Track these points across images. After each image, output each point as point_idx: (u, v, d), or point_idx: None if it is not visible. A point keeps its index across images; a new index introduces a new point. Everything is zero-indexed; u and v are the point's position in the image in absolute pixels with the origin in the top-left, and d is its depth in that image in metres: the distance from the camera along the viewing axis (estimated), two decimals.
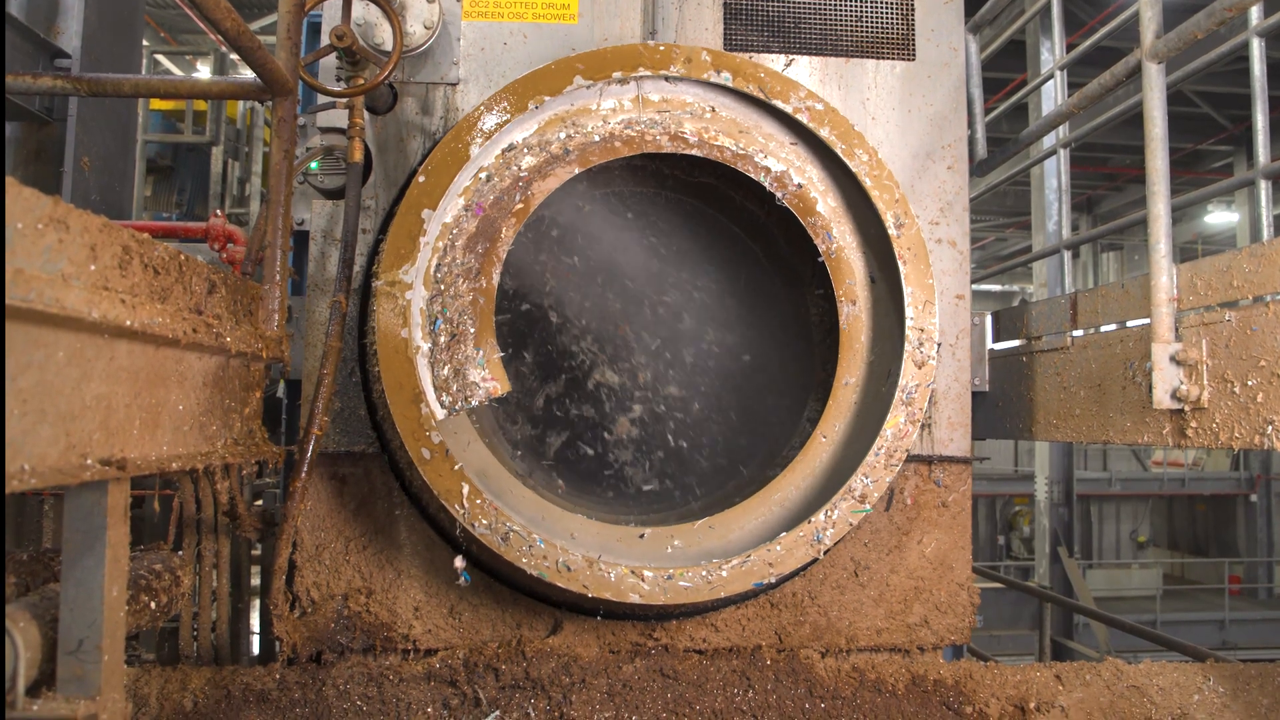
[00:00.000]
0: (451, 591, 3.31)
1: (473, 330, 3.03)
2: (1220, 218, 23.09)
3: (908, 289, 3.17)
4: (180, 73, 14.65)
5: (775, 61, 3.62)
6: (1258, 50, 4.14)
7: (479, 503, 2.86)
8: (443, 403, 2.97)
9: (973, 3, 3.83)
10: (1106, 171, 21.33)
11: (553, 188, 3.15)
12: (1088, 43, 5.14)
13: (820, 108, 3.20)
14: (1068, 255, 5.04)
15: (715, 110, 3.27)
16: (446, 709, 3.04)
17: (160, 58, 13.12)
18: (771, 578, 2.94)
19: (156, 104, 10.61)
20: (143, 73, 9.32)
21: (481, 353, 3.02)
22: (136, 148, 7.71)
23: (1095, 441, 3.32)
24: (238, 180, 11.66)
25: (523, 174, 3.11)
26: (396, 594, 3.28)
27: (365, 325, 3.21)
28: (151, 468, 1.89)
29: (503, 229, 3.11)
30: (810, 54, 3.65)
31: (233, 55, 11.91)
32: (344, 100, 3.17)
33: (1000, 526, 25.05)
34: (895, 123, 3.66)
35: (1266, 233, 3.72)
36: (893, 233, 3.18)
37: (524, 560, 2.85)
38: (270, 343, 2.56)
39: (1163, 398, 2.76)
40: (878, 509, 3.50)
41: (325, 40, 3.03)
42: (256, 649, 4.99)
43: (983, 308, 3.79)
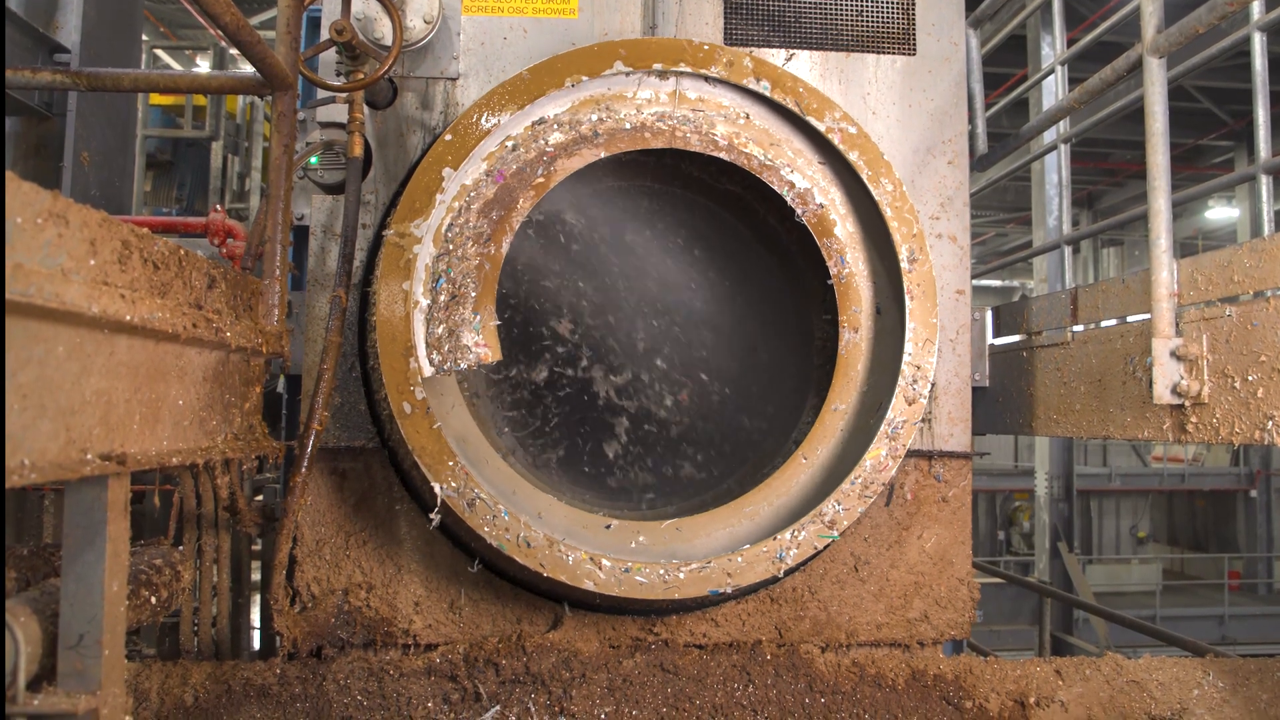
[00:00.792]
0: (452, 587, 3.31)
1: (474, 294, 3.02)
2: (1221, 213, 23.05)
3: (910, 324, 3.18)
4: (180, 68, 14.62)
5: (776, 56, 3.61)
6: (1259, 45, 4.13)
7: (450, 465, 2.86)
8: (432, 360, 2.97)
9: None
10: (1107, 167, 21.30)
11: (576, 167, 3.16)
12: (1088, 38, 5.13)
13: (854, 131, 3.22)
14: (1068, 250, 5.03)
15: (749, 118, 3.29)
16: (447, 704, 3.04)
17: (160, 53, 13.11)
18: (728, 587, 2.95)
19: (156, 99, 10.60)
20: (142, 67, 9.30)
21: (479, 317, 3.02)
22: (136, 143, 7.70)
23: (1095, 437, 3.32)
24: (237, 175, 11.66)
25: (549, 149, 3.13)
26: (397, 589, 3.28)
27: (365, 320, 3.21)
28: (151, 463, 1.89)
29: (520, 199, 3.11)
30: (811, 48, 3.64)
31: (232, 50, 11.89)
32: (344, 95, 3.16)
33: (1000, 522, 25.06)
34: (896, 118, 3.66)
35: (1267, 228, 3.71)
36: (905, 267, 3.19)
37: (485, 529, 2.85)
38: (270, 338, 2.56)
39: (1163, 393, 2.76)
40: (877, 505, 3.50)
41: (325, 35, 3.02)
42: (257, 644, 4.99)
43: (983, 303, 3.79)
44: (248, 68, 2.42)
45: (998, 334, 4.14)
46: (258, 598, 4.84)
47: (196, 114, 10.80)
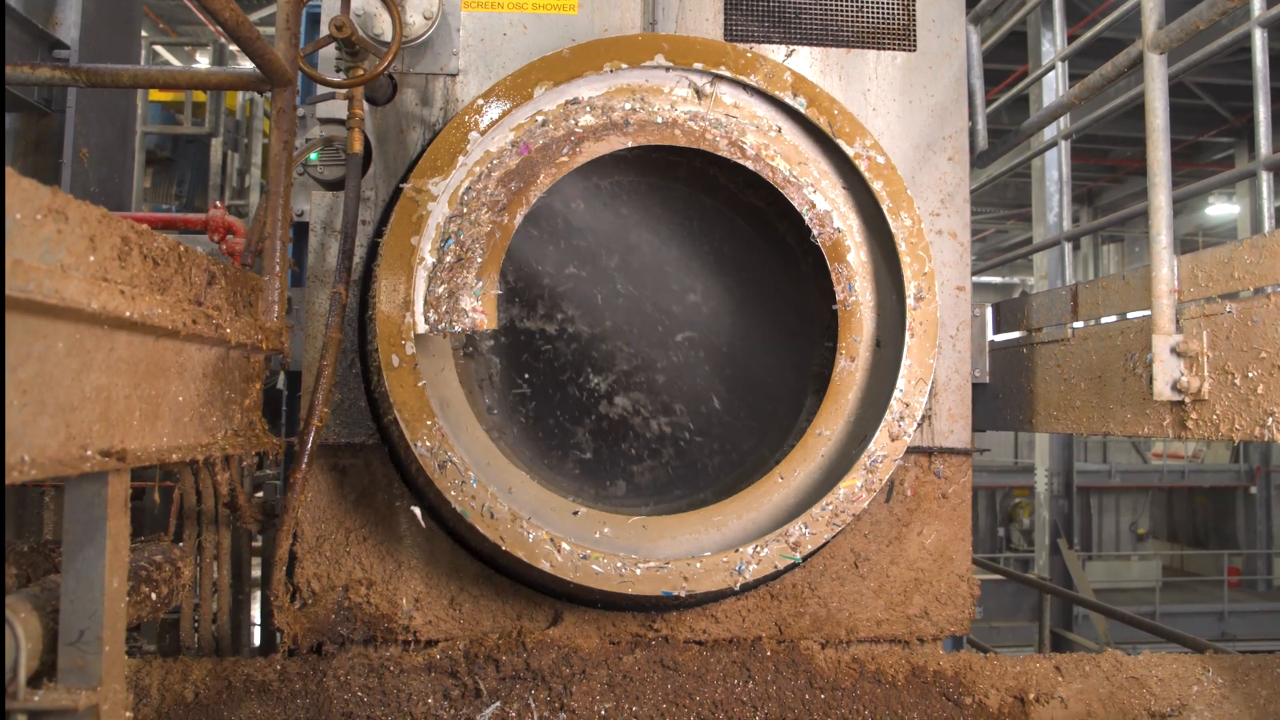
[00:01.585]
0: (452, 583, 3.31)
1: (480, 260, 3.02)
2: (1221, 210, 23.03)
3: (906, 361, 3.18)
4: (179, 64, 14.61)
5: (776, 52, 3.61)
6: (1260, 41, 4.13)
7: (429, 424, 2.86)
8: (428, 318, 2.98)
9: None
10: (1107, 163, 21.29)
11: (601, 151, 3.15)
12: (1089, 34, 5.12)
13: (882, 161, 3.23)
14: (1068, 247, 5.03)
15: (781, 131, 3.30)
16: (447, 700, 3.04)
17: (159, 49, 13.09)
18: (682, 592, 2.96)
19: (155, 95, 10.58)
20: (141, 64, 9.29)
21: (481, 284, 3.01)
22: (135, 139, 7.71)
23: (1096, 433, 3.32)
24: (237, 172, 11.65)
25: (578, 129, 3.14)
26: (397, 585, 3.29)
27: (365, 317, 3.21)
28: (151, 459, 1.89)
29: (541, 175, 3.10)
30: (811, 44, 3.63)
31: (232, 46, 11.87)
32: (343, 91, 3.15)
33: (1000, 518, 25.08)
34: (896, 114, 3.65)
35: (1268, 224, 3.71)
36: (910, 304, 3.20)
37: (452, 493, 2.85)
38: (270, 334, 2.56)
39: (1163, 389, 2.76)
40: (878, 501, 3.50)
41: (324, 31, 3.02)
42: (257, 640, 4.99)
43: (983, 299, 3.79)
44: (247, 64, 2.42)
45: (998, 330, 4.13)
46: (258, 594, 4.84)
47: (196, 110, 10.79)
